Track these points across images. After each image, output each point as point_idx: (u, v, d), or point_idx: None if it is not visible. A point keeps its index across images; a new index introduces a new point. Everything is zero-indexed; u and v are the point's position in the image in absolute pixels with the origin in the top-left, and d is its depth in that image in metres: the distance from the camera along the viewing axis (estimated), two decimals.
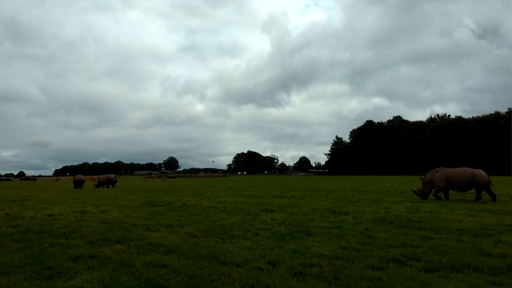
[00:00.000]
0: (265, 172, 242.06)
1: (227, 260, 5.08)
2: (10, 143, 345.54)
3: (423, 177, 17.79)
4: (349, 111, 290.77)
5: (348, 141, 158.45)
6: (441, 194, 17.54)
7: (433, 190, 16.98)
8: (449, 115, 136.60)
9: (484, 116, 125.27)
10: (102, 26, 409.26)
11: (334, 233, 7.32)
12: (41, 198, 19.49)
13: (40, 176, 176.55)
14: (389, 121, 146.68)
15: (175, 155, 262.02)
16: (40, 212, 11.42)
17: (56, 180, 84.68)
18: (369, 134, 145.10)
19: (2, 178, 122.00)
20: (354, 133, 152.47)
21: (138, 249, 5.91)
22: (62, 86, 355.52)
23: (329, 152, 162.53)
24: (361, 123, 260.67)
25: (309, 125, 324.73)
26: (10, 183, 71.40)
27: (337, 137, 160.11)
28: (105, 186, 37.99)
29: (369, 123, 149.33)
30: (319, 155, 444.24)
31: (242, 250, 5.73)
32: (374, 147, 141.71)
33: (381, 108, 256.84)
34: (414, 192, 17.87)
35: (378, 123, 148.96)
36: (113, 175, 43.09)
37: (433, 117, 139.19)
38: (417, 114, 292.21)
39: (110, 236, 6.93)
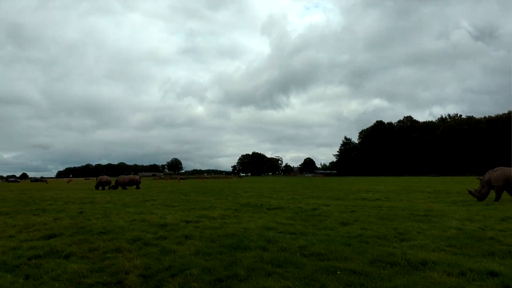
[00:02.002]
0: (269, 173, 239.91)
1: None
2: (11, 145, 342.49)
3: (481, 177, 16.46)
4: (349, 113, 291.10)
5: (357, 142, 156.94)
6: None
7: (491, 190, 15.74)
8: (461, 115, 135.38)
9: (497, 116, 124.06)
10: (102, 29, 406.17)
11: None
12: (107, 199, 17.72)
13: (42, 178, 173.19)
14: (399, 121, 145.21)
15: (175, 157, 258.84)
16: (170, 217, 9.59)
17: (69, 182, 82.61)
18: (379, 134, 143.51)
19: (11, 179, 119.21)
20: (363, 134, 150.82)
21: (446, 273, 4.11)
22: (63, 89, 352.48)
23: (337, 153, 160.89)
24: (361, 124, 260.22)
25: (309, 127, 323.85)
26: (29, 184, 69.12)
27: (345, 137, 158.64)
28: (125, 187, 35.72)
29: (379, 124, 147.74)
30: (319, 156, 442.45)
31: None
32: (384, 148, 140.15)
33: (381, 110, 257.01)
34: (471, 192, 16.43)
35: (388, 123, 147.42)
36: (137, 176, 41.19)
37: (444, 117, 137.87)
38: (417, 115, 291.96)
39: (347, 253, 5.15)
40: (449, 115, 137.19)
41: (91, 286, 4.21)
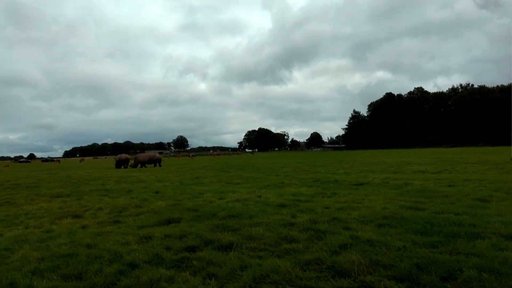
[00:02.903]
0: (275, 149, 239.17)
1: None
2: (16, 126, 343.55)
3: None
4: (353, 86, 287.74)
5: (366, 115, 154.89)
6: None
7: None
8: (472, 85, 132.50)
9: (510, 84, 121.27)
10: (101, 7, 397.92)
11: None
12: (152, 178, 16.80)
13: (51, 158, 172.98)
14: (409, 93, 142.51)
15: (179, 135, 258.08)
16: (267, 195, 8.54)
17: (81, 161, 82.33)
18: (388, 107, 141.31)
19: (22, 160, 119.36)
20: (373, 106, 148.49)
21: None
22: (65, 68, 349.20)
23: (346, 127, 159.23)
24: (365, 97, 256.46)
25: (312, 101, 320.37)
26: (43, 164, 68.60)
27: (354, 111, 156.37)
28: (144, 166, 34.66)
29: (389, 96, 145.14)
30: (324, 130, 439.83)
31: None
32: (395, 120, 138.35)
33: (385, 82, 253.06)
34: None
35: (397, 95, 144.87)
36: (157, 154, 40.23)
37: (455, 87, 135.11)
38: (422, 87, 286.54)
39: None
40: (461, 85, 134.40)
41: None
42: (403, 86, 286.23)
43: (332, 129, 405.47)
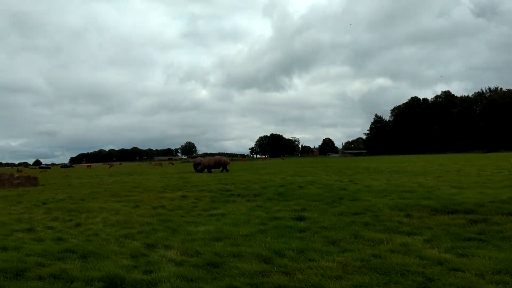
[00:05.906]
0: (286, 155, 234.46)
1: None
2: (18, 132, 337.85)
3: None
4: (353, 93, 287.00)
5: (387, 120, 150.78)
6: None
7: None
8: (501, 88, 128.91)
9: None
10: (104, 15, 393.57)
11: None
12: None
13: (53, 164, 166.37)
14: (436, 97, 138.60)
15: (181, 141, 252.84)
16: None
17: (111, 166, 77.07)
18: (414, 111, 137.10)
19: (42, 166, 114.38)
20: (397, 111, 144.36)
21: None
22: (68, 76, 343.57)
23: (367, 132, 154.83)
24: (365, 103, 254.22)
25: (313, 108, 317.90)
26: (70, 171, 63.13)
27: (376, 115, 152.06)
28: (210, 170, 29.86)
29: (414, 100, 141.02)
30: (325, 137, 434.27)
31: None
32: (421, 125, 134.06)
33: (385, 89, 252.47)
34: None
35: (423, 99, 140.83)
36: (224, 157, 35.38)
37: (484, 91, 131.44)
38: (421, 94, 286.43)
39: None
40: (489, 88, 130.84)
41: None
42: (403, 93, 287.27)
43: (333, 135, 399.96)
